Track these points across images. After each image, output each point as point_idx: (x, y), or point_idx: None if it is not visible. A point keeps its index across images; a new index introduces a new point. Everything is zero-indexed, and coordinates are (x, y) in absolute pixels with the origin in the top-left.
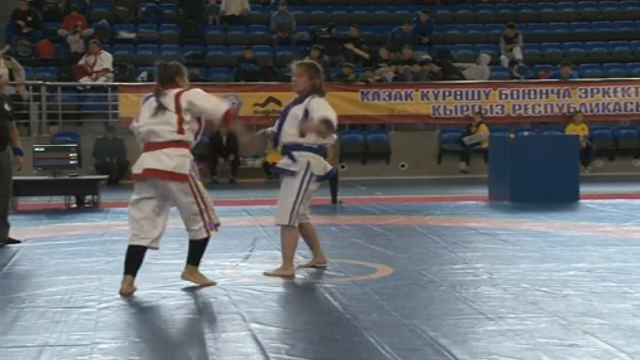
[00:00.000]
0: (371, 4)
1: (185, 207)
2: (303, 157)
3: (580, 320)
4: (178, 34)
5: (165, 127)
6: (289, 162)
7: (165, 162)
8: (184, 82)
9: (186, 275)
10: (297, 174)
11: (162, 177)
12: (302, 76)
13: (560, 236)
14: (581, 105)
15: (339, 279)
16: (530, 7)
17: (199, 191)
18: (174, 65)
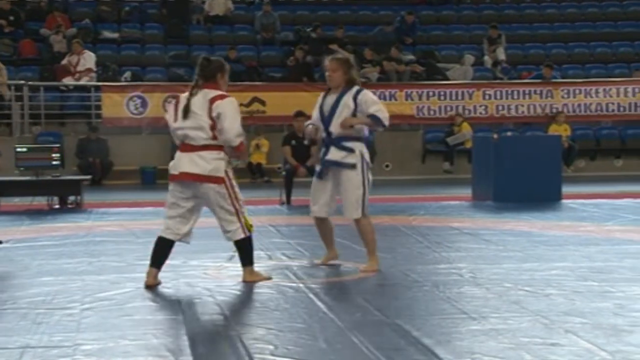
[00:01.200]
0: (355, 4)
1: (221, 208)
2: (358, 147)
3: (562, 319)
4: (162, 34)
5: (198, 133)
6: (343, 154)
7: (201, 165)
8: (224, 81)
9: (246, 277)
10: (356, 166)
11: (199, 180)
12: (337, 70)
13: (543, 236)
14: (563, 106)
15: (322, 279)
16: (513, 8)
17: (234, 192)
18: (216, 61)
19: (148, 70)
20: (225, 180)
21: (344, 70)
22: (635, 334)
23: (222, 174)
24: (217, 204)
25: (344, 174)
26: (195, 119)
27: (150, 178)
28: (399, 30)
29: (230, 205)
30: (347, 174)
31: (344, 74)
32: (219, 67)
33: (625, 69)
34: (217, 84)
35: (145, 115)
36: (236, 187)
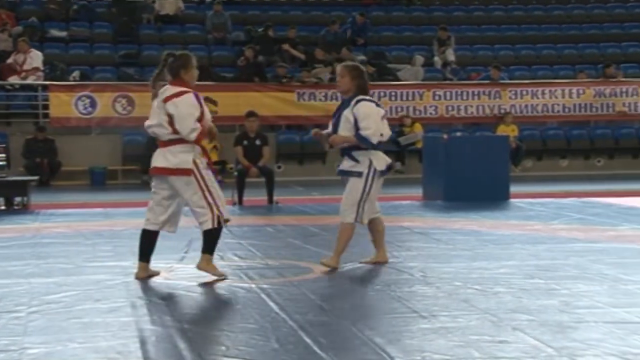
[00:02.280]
0: (306, 4)
1: (191, 200)
2: (364, 155)
3: (510, 317)
4: (111, 33)
5: (161, 129)
6: (352, 164)
7: (169, 159)
8: (189, 76)
9: (202, 264)
10: (362, 174)
11: (167, 173)
12: (345, 76)
13: (491, 234)
14: (511, 106)
15: (275, 279)
16: (461, 10)
17: (205, 184)
18: (179, 57)
19: (97, 70)
20: (194, 171)
21: (352, 75)
22: (580, 330)
23: (189, 165)
24: (187, 195)
25: (350, 180)
26: (157, 116)
27: (99, 179)
28: (350, 31)
29: (201, 197)
30: (352, 180)
31: (352, 80)
32: (182, 64)
33: (570, 71)
34: (181, 79)
35: (95, 115)
36: (208, 179)
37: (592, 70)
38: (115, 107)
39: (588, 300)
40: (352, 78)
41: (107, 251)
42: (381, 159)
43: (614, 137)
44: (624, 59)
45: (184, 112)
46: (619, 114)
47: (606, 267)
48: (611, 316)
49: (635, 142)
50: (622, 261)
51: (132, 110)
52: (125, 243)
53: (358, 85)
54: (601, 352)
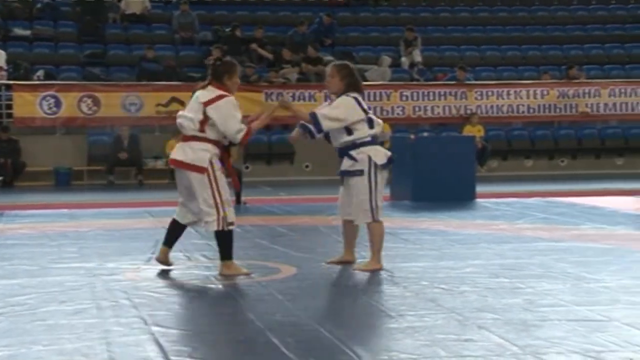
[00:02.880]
0: (274, 4)
1: (202, 198)
2: (362, 152)
3: (475, 316)
4: (76, 32)
5: (189, 124)
6: (351, 163)
7: (187, 153)
8: (232, 82)
9: (222, 271)
10: (362, 171)
11: (182, 167)
12: (334, 77)
13: (458, 234)
14: (477, 107)
15: (242, 279)
16: (428, 11)
17: (217, 184)
18: (225, 63)
19: (62, 69)
20: (209, 170)
21: (341, 75)
22: (544, 329)
23: (205, 164)
24: (199, 192)
25: (352, 181)
26: (192, 110)
27: (64, 179)
28: (317, 32)
29: (211, 196)
30: (355, 180)
31: (341, 80)
32: (226, 69)
33: (534, 72)
34: (224, 85)
35: (60, 115)
36: (221, 181)
37: (556, 72)
38: (81, 107)
39: (552, 298)
40: (342, 78)
41: (72, 252)
42: (380, 153)
43: (577, 138)
44: (586, 60)
45: (227, 114)
46: (581, 114)
47: (569, 266)
48: (574, 314)
49: (597, 143)
50: (585, 260)
51: (98, 110)
52: (90, 244)
53: (348, 84)
54: (564, 349)
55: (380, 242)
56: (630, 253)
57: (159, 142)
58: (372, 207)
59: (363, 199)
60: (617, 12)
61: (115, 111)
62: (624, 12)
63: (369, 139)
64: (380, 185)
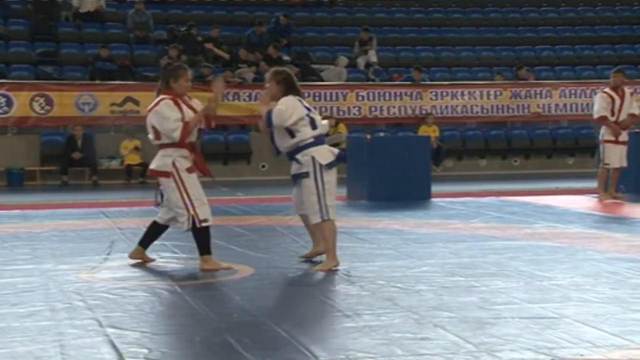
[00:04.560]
0: (230, 4)
1: (171, 200)
2: (306, 154)
3: (431, 314)
4: (28, 30)
5: (150, 136)
6: (297, 166)
7: (155, 161)
8: (178, 85)
9: (202, 266)
10: (308, 173)
11: (152, 174)
12: (271, 81)
13: (414, 233)
14: (432, 107)
15: (199, 280)
16: (383, 12)
17: (183, 186)
18: (168, 69)
19: (13, 68)
20: (173, 174)
21: (276, 81)
22: (498, 326)
23: (168, 168)
24: (168, 195)
25: (302, 183)
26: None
27: (17, 180)
28: (274, 32)
29: (179, 198)
30: (303, 182)
31: (277, 85)
32: (170, 74)
33: (487, 73)
34: (170, 89)
35: (11, 114)
36: (188, 181)
37: (509, 73)
38: (33, 106)
39: (505, 296)
40: (277, 82)
41: (25, 254)
42: (325, 152)
43: (530, 138)
44: (537, 61)
45: (161, 116)
46: (533, 115)
47: (523, 264)
48: (527, 312)
49: (549, 143)
50: (538, 258)
51: (51, 110)
52: (44, 245)
53: (285, 89)
54: (518, 346)
55: (333, 240)
56: (582, 251)
57: (114, 142)
58: (321, 207)
59: (312, 199)
60: (568, 15)
61: (68, 111)
62: (573, 14)
63: (312, 140)
64: (329, 185)
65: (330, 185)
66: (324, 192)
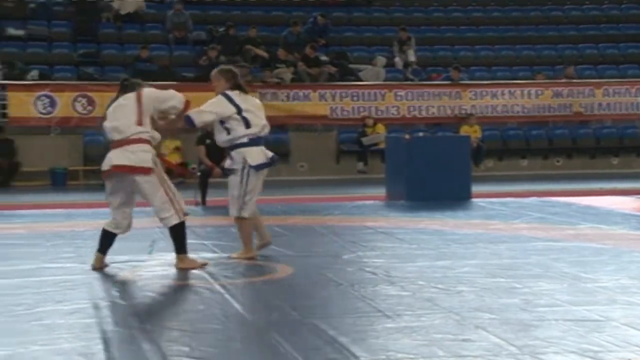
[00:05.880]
0: (267, 4)
1: (155, 196)
2: (239, 153)
3: (473, 315)
4: (70, 32)
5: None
6: (229, 162)
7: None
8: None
9: (178, 264)
10: (237, 170)
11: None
12: (219, 80)
13: (454, 234)
14: (471, 107)
15: (239, 279)
16: (421, 11)
17: (165, 181)
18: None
19: (56, 69)
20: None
21: (225, 78)
22: (542, 329)
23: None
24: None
25: (229, 178)
26: None
27: (60, 179)
28: (311, 32)
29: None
30: (230, 178)
31: (227, 82)
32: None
33: (528, 72)
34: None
35: (55, 114)
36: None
37: (550, 72)
38: (76, 106)
39: (549, 298)
40: (227, 80)
41: (68, 252)
42: (258, 154)
43: (572, 138)
44: (580, 60)
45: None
46: (576, 114)
47: (566, 266)
48: (571, 314)
49: (592, 142)
50: (582, 259)
51: (93, 110)
52: (86, 244)
53: (232, 87)
54: (562, 349)
55: (249, 235)
56: (627, 253)
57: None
58: (240, 204)
59: (234, 194)
60: (611, 12)
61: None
62: (617, 12)
63: (245, 139)
64: (252, 186)
65: (255, 187)
66: (246, 191)
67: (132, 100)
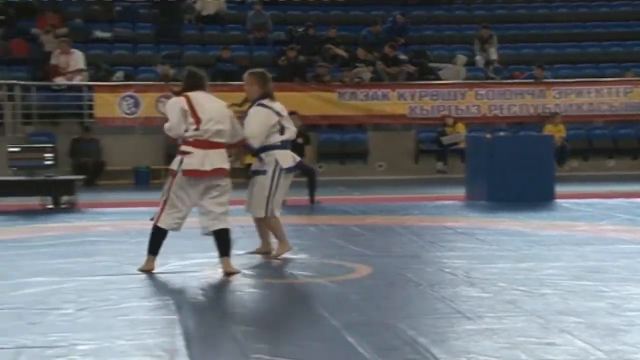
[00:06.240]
0: (347, 4)
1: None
2: (270, 155)
3: (557, 319)
4: (153, 33)
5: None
6: (259, 164)
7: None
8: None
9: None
10: (267, 172)
11: (222, 173)
12: (253, 85)
13: (537, 235)
14: (555, 106)
15: (318, 278)
16: (504, 8)
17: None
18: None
19: (140, 70)
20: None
21: (259, 84)
22: (631, 334)
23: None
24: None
25: (257, 179)
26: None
27: (143, 178)
28: (390, 31)
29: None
30: (259, 178)
31: (260, 87)
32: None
33: (616, 69)
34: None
35: (138, 115)
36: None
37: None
38: (158, 107)
39: (638, 303)
40: (260, 86)
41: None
42: (287, 157)
43: None
44: None
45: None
46: None
47: None
48: None
49: None
50: None
51: None
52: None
53: (264, 92)
54: None
55: (280, 230)
56: None
57: None
58: (268, 204)
59: (263, 194)
60: None
61: None
62: None
63: (278, 143)
64: (280, 187)
65: (282, 188)
66: (275, 192)
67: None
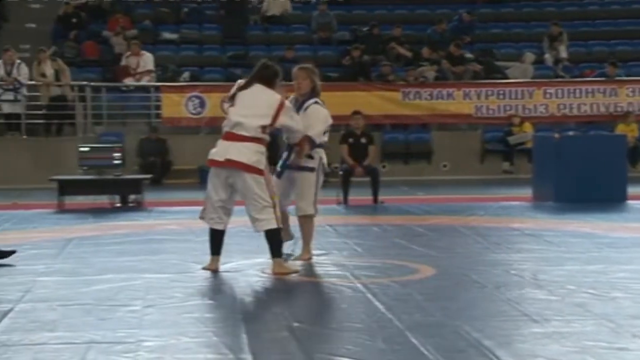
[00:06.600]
0: (412, 3)
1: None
2: (316, 153)
3: (629, 323)
4: (219, 35)
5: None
6: (304, 160)
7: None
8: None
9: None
10: (314, 169)
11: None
12: (306, 79)
13: (608, 237)
14: (628, 104)
15: (381, 278)
16: (575, 5)
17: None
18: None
19: (206, 71)
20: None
21: (312, 78)
22: None
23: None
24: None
25: (302, 176)
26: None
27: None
28: (456, 29)
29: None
30: (304, 175)
31: (311, 82)
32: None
33: None
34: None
35: (204, 115)
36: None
37: None
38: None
39: None
40: (312, 81)
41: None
42: (324, 157)
43: None
44: None
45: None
46: None
47: None
48: None
49: None
50: None
51: None
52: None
53: (314, 87)
54: None
55: (311, 235)
56: None
57: None
58: (316, 200)
59: (311, 191)
60: None
61: None
62: None
63: (324, 143)
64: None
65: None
66: (318, 189)
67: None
